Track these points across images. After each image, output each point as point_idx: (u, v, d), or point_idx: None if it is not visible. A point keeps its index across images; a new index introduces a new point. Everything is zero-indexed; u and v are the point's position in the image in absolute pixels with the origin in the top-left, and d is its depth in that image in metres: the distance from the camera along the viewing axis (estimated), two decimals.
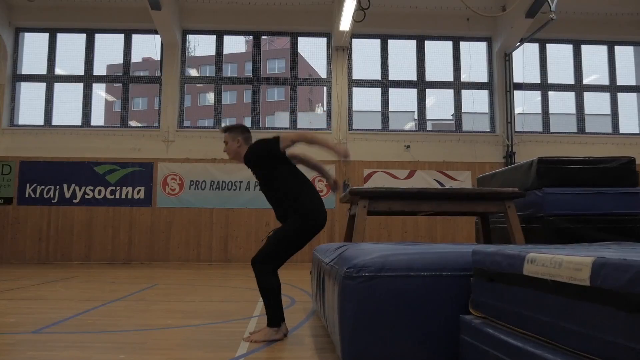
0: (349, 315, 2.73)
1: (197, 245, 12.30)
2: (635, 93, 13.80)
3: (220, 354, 3.32)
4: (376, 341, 2.70)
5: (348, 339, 2.73)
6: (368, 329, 2.70)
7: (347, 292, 2.73)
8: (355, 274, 2.73)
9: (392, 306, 2.70)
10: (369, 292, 2.71)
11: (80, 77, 13.02)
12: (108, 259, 12.13)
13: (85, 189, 12.33)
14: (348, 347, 2.73)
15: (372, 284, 2.71)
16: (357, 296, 2.71)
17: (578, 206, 5.01)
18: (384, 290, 2.71)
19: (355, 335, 2.71)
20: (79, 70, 13.05)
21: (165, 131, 12.65)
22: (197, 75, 23.74)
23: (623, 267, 1.50)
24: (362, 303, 2.71)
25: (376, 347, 2.71)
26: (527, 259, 2.02)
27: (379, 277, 2.72)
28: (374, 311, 2.70)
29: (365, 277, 2.72)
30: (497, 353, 2.16)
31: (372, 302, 2.70)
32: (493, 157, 12.96)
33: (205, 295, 6.66)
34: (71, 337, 3.92)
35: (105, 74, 14.15)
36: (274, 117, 33.81)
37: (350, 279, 2.73)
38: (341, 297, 2.77)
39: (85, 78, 13.01)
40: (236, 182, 12.51)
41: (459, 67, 13.51)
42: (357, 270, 2.74)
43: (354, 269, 2.75)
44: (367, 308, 2.70)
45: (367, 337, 2.71)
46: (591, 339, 1.63)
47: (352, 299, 2.72)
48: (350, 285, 2.72)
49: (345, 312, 2.74)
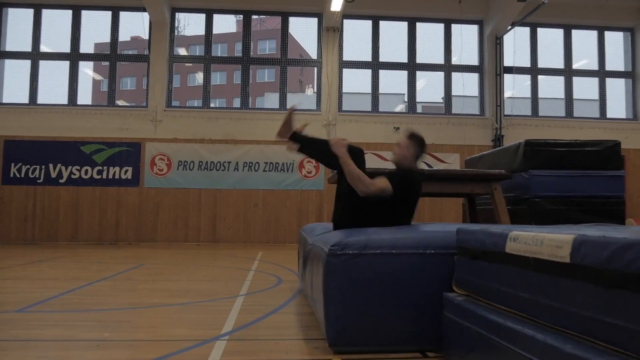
0: (333, 293, 2.74)
1: (185, 225, 12.27)
2: (624, 79, 13.85)
3: (205, 332, 3.32)
4: (360, 318, 2.72)
5: (332, 316, 2.74)
6: (352, 306, 2.72)
7: (331, 270, 2.74)
8: (340, 251, 2.74)
9: (376, 284, 2.72)
10: (353, 269, 2.72)
11: (67, 55, 12.82)
12: (95, 239, 12.07)
13: (71, 169, 12.21)
14: (332, 324, 2.75)
15: (356, 262, 2.72)
16: (341, 273, 2.73)
17: (563, 188, 5.04)
18: (367, 267, 2.72)
19: (339, 312, 2.73)
20: (65, 48, 12.85)
21: (153, 111, 12.53)
22: (186, 54, 23.50)
23: (602, 244, 1.51)
24: (346, 280, 2.72)
25: (360, 324, 2.73)
26: (510, 237, 2.04)
27: (363, 254, 2.73)
28: (358, 288, 2.72)
29: (349, 254, 2.73)
30: (478, 329, 2.18)
31: (356, 280, 2.72)
32: (482, 140, 12.99)
33: (192, 274, 6.65)
34: (55, 316, 3.91)
35: (93, 52, 13.96)
36: (263, 98, 33.62)
37: (334, 256, 2.74)
38: (325, 275, 2.78)
39: (71, 56, 12.82)
40: (225, 163, 12.45)
41: (449, 50, 13.47)
42: (341, 248, 2.75)
43: (338, 247, 2.76)
44: (351, 285, 2.72)
45: (351, 314, 2.72)
46: (570, 315, 1.64)
47: (336, 276, 2.73)
48: (334, 263, 2.73)
49: (329, 289, 2.75)
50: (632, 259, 1.39)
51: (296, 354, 2.88)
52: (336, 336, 2.75)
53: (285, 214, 12.39)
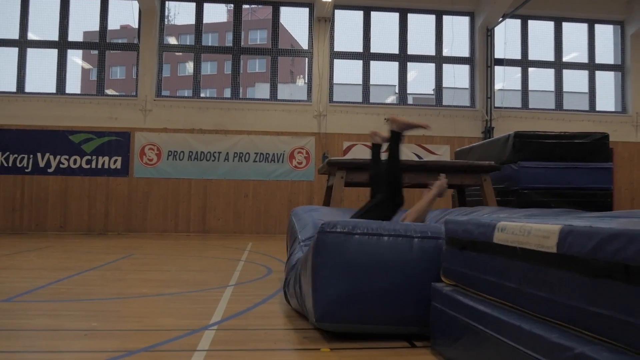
0: (321, 269, 2.74)
1: (174, 216, 12.24)
2: (613, 72, 13.92)
3: (195, 322, 3.32)
4: (347, 296, 2.71)
5: (319, 292, 2.73)
6: (339, 283, 2.71)
7: (320, 247, 2.74)
8: (330, 229, 2.74)
9: (364, 263, 2.72)
10: (343, 247, 2.72)
11: (55, 43, 12.69)
12: (84, 229, 12.02)
13: (60, 158, 12.12)
14: (319, 300, 2.74)
15: (346, 240, 2.73)
16: (330, 250, 2.72)
17: (552, 180, 5.07)
18: (356, 247, 2.72)
19: (326, 288, 2.72)
20: (54, 36, 12.71)
21: (143, 100, 12.45)
22: (177, 44, 23.34)
23: (588, 234, 1.52)
24: (334, 257, 2.72)
25: (347, 302, 2.72)
26: (498, 227, 2.04)
27: (353, 233, 2.74)
28: (346, 266, 2.72)
29: (339, 232, 2.73)
30: (465, 319, 2.19)
31: (345, 258, 2.72)
32: (472, 131, 13.03)
33: (182, 265, 6.64)
34: (43, 306, 3.89)
35: (82, 40, 13.83)
36: (254, 88, 33.48)
37: (324, 233, 2.74)
38: (315, 252, 2.77)
39: (59, 44, 12.69)
40: (215, 153, 12.41)
41: (441, 42, 13.46)
42: (331, 227, 2.75)
43: (328, 225, 2.76)
44: (340, 263, 2.71)
45: (339, 291, 2.71)
46: (556, 304, 1.66)
47: (325, 253, 2.73)
48: (324, 240, 2.74)
49: (318, 266, 2.75)
50: (617, 248, 1.40)
51: (285, 344, 2.89)
52: (322, 312, 2.73)
53: (275, 205, 12.39)
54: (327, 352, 2.66)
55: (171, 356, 2.65)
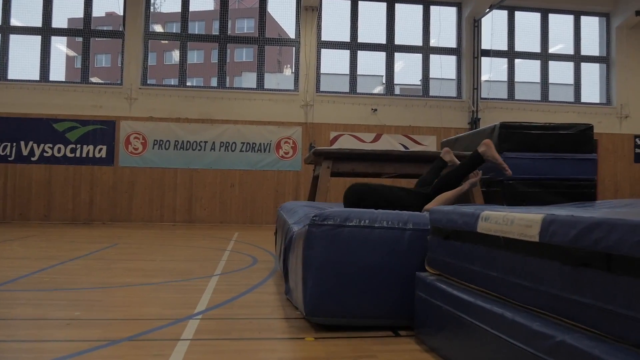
0: (312, 262, 2.74)
1: (160, 205, 12.17)
2: (598, 63, 14.01)
3: (179, 311, 3.31)
4: (338, 289, 2.72)
5: (310, 285, 2.74)
6: (330, 276, 2.72)
7: (311, 239, 2.74)
8: (321, 222, 2.74)
9: (355, 256, 2.73)
10: (333, 239, 2.72)
11: (38, 29, 12.51)
12: (68, 218, 11.91)
13: (44, 147, 11.98)
14: (309, 294, 2.75)
15: (337, 232, 2.73)
16: (322, 243, 2.72)
17: (537, 171, 5.10)
18: (348, 239, 2.72)
19: (317, 282, 2.73)
20: (37, 22, 12.52)
21: (128, 88, 12.33)
22: (163, 32, 23.08)
23: (570, 223, 1.52)
24: (325, 250, 2.72)
25: (337, 296, 2.73)
26: (481, 216, 2.05)
27: (344, 226, 2.73)
28: (337, 259, 2.72)
29: (330, 225, 2.73)
30: (449, 308, 2.20)
31: (336, 251, 2.72)
32: (458, 122, 13.07)
33: (167, 254, 6.61)
34: (26, 295, 3.86)
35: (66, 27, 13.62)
36: (241, 77, 33.30)
37: (315, 226, 2.74)
38: (306, 244, 2.77)
39: (43, 30, 12.51)
40: (201, 143, 12.34)
41: (428, 32, 13.46)
42: (322, 219, 2.75)
43: (320, 218, 2.76)
44: (331, 256, 2.72)
45: (329, 285, 2.72)
46: (538, 293, 1.67)
47: (316, 246, 2.73)
48: (315, 233, 2.73)
49: (309, 259, 2.75)
50: (598, 237, 1.41)
51: (270, 333, 2.89)
52: (313, 306, 2.75)
53: (261, 195, 12.36)
54: (312, 342, 2.66)
55: (155, 345, 2.63)
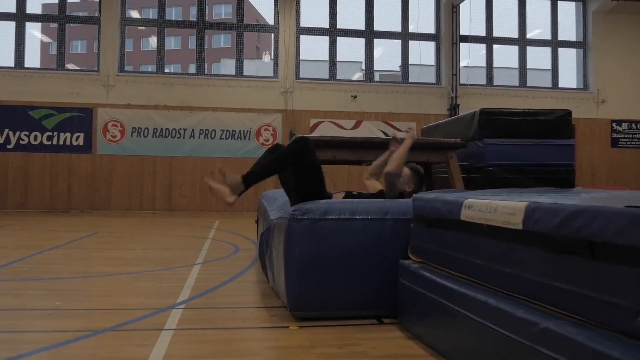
0: (294, 257, 2.75)
1: (139, 193, 12.05)
2: (575, 49, 14.15)
3: (161, 300, 3.29)
4: (321, 283, 2.74)
5: (293, 280, 2.75)
6: (313, 270, 2.74)
7: (292, 234, 2.75)
8: (300, 216, 2.74)
9: (337, 248, 2.74)
10: (314, 233, 2.73)
11: (12, 15, 12.21)
12: (46, 207, 11.74)
13: (20, 134, 11.76)
14: (292, 289, 2.76)
15: (317, 226, 2.73)
16: (303, 238, 2.73)
17: (516, 157, 5.14)
18: (328, 232, 2.74)
19: (300, 276, 2.74)
20: (11, 8, 12.22)
21: (105, 75, 12.13)
22: (139, 17, 22.70)
23: (553, 211, 1.54)
24: (307, 245, 2.73)
25: (320, 289, 2.75)
26: (465, 204, 2.06)
27: (324, 219, 2.74)
28: (319, 253, 2.73)
29: (310, 219, 2.74)
30: (432, 295, 2.22)
31: (317, 244, 2.73)
32: (438, 108, 13.11)
33: (148, 243, 6.57)
34: (5, 285, 3.81)
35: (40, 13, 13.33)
36: (219, 64, 32.97)
37: (295, 221, 2.74)
38: (287, 239, 2.78)
39: (17, 16, 12.22)
40: (180, 130, 12.21)
41: (407, 18, 13.43)
42: (302, 213, 2.75)
43: (299, 212, 2.76)
44: (312, 250, 2.73)
45: (312, 279, 2.74)
46: (522, 280, 1.69)
47: (297, 241, 2.74)
48: (295, 228, 2.74)
49: (291, 254, 2.76)
50: (581, 225, 1.43)
51: (253, 322, 2.89)
52: (296, 300, 2.76)
53: None
54: (296, 330, 2.67)
55: (138, 335, 2.62)
